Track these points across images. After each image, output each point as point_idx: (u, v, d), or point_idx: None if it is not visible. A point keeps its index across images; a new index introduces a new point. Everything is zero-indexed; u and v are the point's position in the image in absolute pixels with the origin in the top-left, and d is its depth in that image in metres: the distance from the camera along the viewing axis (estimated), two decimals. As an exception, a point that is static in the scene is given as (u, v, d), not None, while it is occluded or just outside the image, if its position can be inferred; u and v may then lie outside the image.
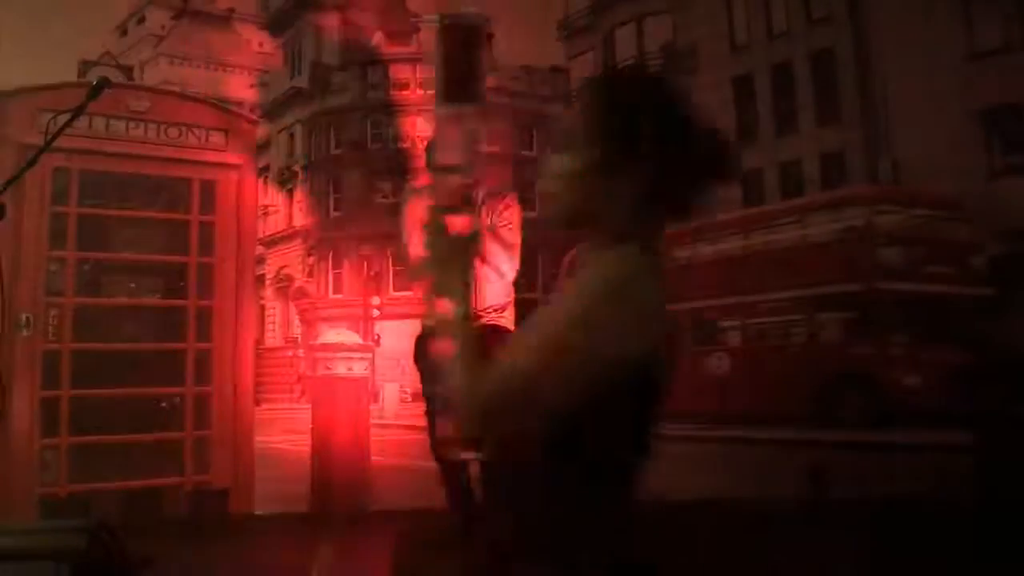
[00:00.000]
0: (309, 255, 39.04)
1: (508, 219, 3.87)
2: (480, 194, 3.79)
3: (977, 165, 19.96)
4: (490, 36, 41.83)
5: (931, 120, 19.95)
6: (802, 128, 25.38)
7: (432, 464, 4.01)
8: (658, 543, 3.66)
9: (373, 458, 5.90)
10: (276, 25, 43.44)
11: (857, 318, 13.54)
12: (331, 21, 41.31)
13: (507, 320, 3.98)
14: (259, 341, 35.72)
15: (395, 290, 34.59)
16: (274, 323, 41.56)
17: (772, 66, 26.15)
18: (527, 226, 3.99)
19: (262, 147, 37.13)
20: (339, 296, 36.53)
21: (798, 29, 25.68)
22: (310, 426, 5.67)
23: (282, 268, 41.12)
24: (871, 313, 13.11)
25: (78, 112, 3.27)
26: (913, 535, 3.74)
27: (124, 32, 64.46)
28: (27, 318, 4.17)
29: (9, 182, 3.34)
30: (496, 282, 3.88)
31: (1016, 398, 4.59)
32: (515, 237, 3.88)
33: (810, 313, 14.23)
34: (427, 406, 4.00)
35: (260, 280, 39.00)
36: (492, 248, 3.80)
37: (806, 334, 14.37)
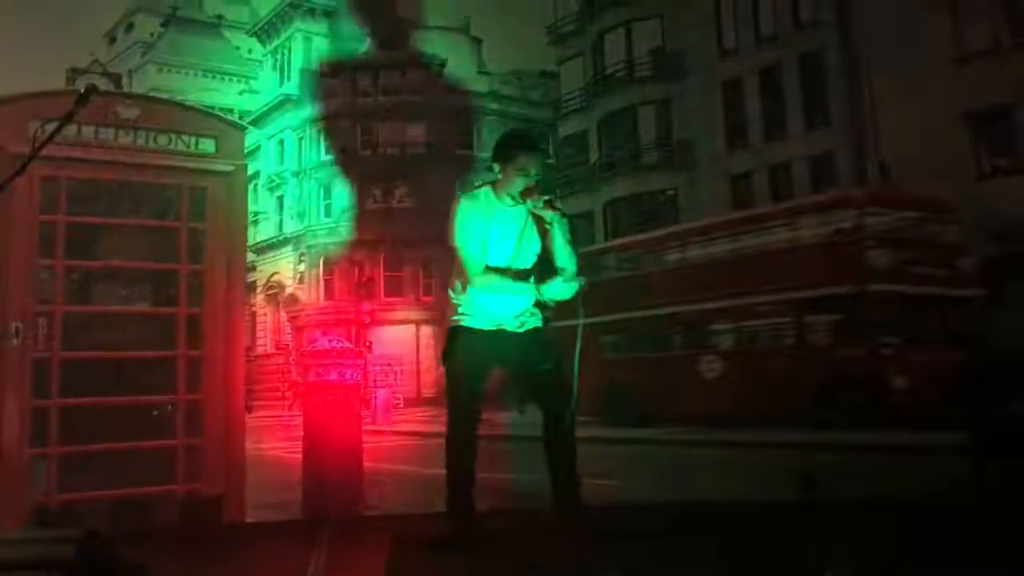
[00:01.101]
0: (300, 262, 38.98)
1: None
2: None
3: (965, 167, 20.06)
4: (479, 41, 41.95)
5: (919, 122, 20.03)
6: (791, 131, 25.47)
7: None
8: (651, 546, 3.65)
9: (365, 464, 5.89)
10: (265, 32, 43.42)
11: (847, 320, 13.56)
12: (320, 28, 41.33)
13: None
14: (250, 348, 35.62)
15: (386, 296, 34.58)
16: (265, 330, 41.46)
17: (761, 70, 26.24)
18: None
19: (252, 154, 37.09)
20: (330, 302, 36.48)
21: (786, 33, 25.78)
22: (302, 433, 5.66)
23: (273, 275, 41.04)
24: (861, 315, 13.14)
25: (66, 120, 3.26)
26: (906, 537, 3.74)
27: (113, 40, 64.37)
28: (16, 327, 4.15)
29: (-3, 190, 3.33)
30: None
31: (1008, 398, 4.61)
32: None
33: (800, 315, 14.24)
34: (449, 404, 3.91)
35: (251, 287, 38.92)
36: (563, 246, 3.84)
37: (796, 336, 14.39)
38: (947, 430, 6.31)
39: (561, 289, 3.84)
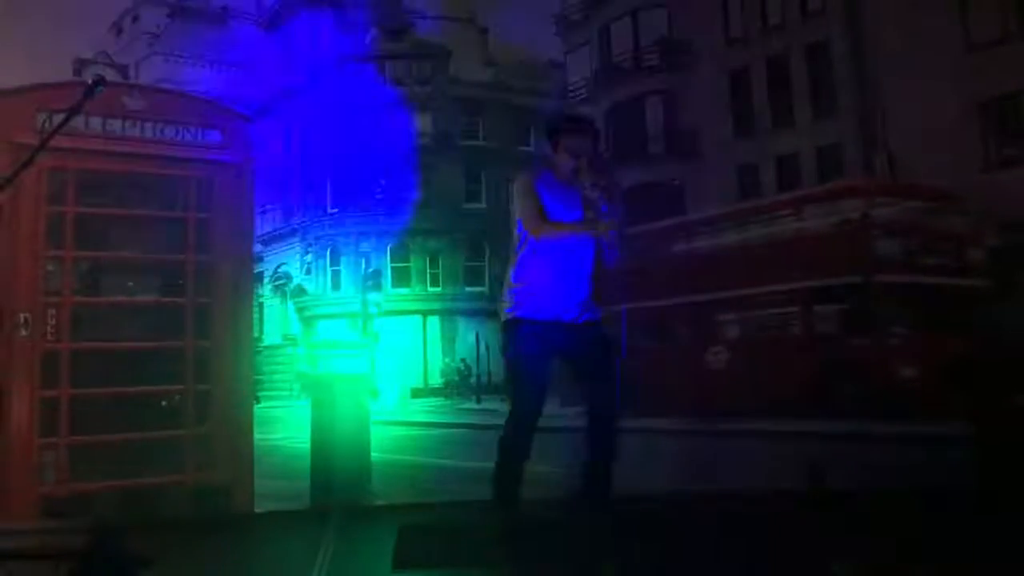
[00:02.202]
0: (307, 253, 38.99)
1: None
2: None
3: (974, 156, 19.95)
4: (485, 31, 41.82)
5: (928, 112, 19.91)
6: (798, 121, 25.35)
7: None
8: (657, 536, 3.65)
9: (373, 454, 5.91)
10: (271, 22, 43.36)
11: (854, 310, 13.54)
12: (325, 18, 41.23)
13: None
14: (258, 339, 35.64)
15: (394, 286, 34.56)
16: (273, 321, 41.51)
17: (768, 59, 26.11)
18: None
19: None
20: (338, 293, 36.49)
21: (793, 22, 25.65)
22: (310, 423, 5.68)
23: (280, 266, 41.06)
24: (868, 305, 13.12)
25: (74, 111, 3.27)
26: (912, 527, 3.75)
27: (119, 31, 64.29)
28: (25, 318, 4.16)
29: (5, 182, 3.34)
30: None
31: (1014, 388, 4.60)
32: None
33: (808, 305, 14.22)
34: (513, 397, 3.82)
35: (258, 278, 38.95)
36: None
37: (804, 326, 14.36)
38: (953, 421, 6.30)
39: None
